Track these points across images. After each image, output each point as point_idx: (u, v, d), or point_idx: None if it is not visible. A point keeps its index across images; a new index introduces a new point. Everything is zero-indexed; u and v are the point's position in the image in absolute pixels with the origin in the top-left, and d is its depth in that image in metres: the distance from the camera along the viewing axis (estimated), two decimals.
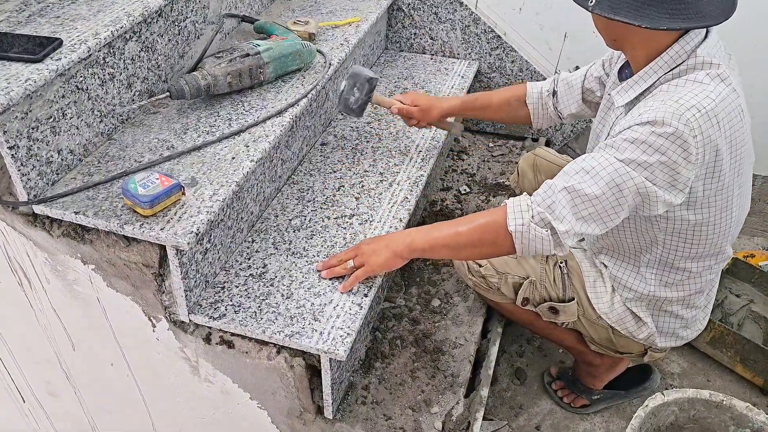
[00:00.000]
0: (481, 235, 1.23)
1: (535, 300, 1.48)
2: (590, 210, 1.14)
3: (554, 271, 1.46)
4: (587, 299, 1.44)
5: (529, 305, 1.50)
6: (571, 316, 1.46)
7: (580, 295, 1.45)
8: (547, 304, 1.47)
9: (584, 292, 1.45)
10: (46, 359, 1.57)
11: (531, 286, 1.47)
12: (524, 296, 1.49)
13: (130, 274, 1.26)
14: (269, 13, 1.94)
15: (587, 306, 1.45)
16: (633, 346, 1.48)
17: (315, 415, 1.40)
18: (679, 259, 1.31)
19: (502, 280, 1.49)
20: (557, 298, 1.46)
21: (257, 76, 1.53)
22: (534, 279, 1.47)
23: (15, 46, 1.18)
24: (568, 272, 1.45)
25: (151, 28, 1.43)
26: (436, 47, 2.33)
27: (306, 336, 1.26)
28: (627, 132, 1.11)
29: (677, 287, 1.36)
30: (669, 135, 1.08)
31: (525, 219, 1.16)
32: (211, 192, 1.25)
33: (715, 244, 1.29)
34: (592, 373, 1.65)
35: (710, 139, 1.10)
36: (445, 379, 1.53)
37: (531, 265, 1.48)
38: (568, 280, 1.45)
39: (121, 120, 1.42)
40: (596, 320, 1.45)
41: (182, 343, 1.35)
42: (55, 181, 1.25)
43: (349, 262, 1.35)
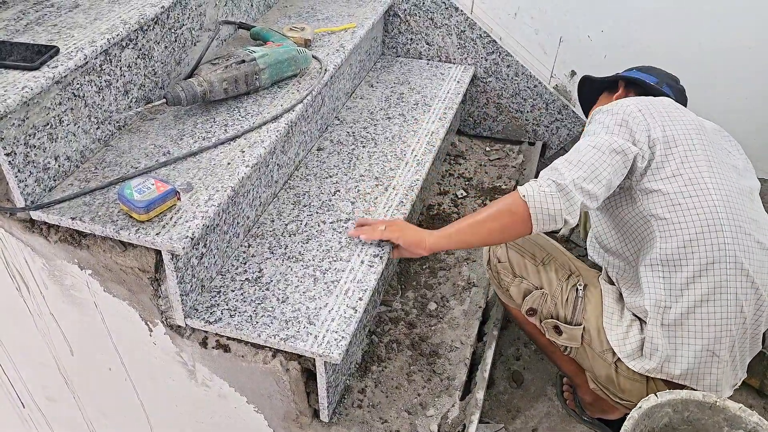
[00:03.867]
0: (497, 214, 1.33)
1: (542, 313, 1.48)
2: (582, 169, 1.28)
3: (570, 292, 1.46)
4: (598, 329, 1.41)
5: (535, 318, 1.49)
6: (573, 340, 1.44)
7: (591, 323, 1.42)
8: (553, 321, 1.46)
9: (596, 321, 1.42)
10: (45, 364, 1.58)
11: (542, 298, 1.47)
12: (531, 306, 1.48)
13: (127, 278, 1.28)
14: (266, 19, 1.96)
15: (595, 336, 1.41)
16: (634, 392, 1.40)
17: (311, 418, 1.41)
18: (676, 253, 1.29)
19: (514, 282, 1.50)
20: (564, 319, 1.45)
21: (253, 82, 1.55)
22: (547, 292, 1.47)
23: (12, 54, 1.20)
24: (584, 297, 1.45)
25: (148, 36, 1.45)
26: (432, 52, 2.35)
27: (301, 339, 1.27)
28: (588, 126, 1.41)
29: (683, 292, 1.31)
30: (612, 107, 1.38)
31: (534, 189, 1.28)
32: (207, 197, 1.26)
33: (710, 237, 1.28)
34: (583, 398, 1.67)
35: (649, 112, 1.35)
36: (441, 382, 1.54)
37: (549, 278, 1.48)
38: (581, 304, 1.44)
39: (117, 126, 1.43)
40: (601, 353, 1.41)
41: (179, 347, 1.36)
42: (53, 187, 1.27)
43: (380, 227, 1.44)
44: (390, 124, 1.94)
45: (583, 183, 1.27)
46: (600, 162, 1.29)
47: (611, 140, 1.30)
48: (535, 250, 1.52)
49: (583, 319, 1.43)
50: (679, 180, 1.31)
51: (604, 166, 1.28)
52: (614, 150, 1.29)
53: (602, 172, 1.28)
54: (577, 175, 1.27)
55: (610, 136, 1.31)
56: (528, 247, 1.52)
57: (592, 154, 1.29)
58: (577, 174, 1.27)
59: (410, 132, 1.91)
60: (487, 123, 2.43)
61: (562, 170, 1.28)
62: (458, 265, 1.87)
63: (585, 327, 1.43)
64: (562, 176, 1.27)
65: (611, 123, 1.34)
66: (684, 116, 1.39)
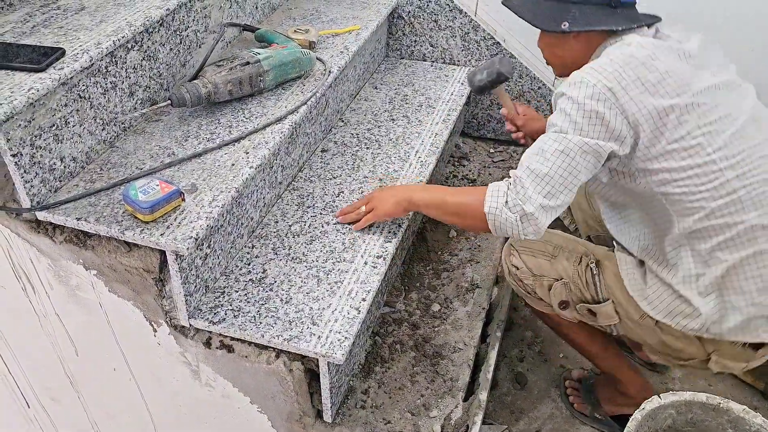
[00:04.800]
0: (462, 209, 1.34)
1: (573, 302, 1.46)
2: (551, 184, 1.22)
3: (585, 273, 1.44)
4: (627, 299, 1.38)
5: (569, 309, 1.47)
6: (610, 318, 1.41)
7: (617, 295, 1.39)
8: (584, 306, 1.44)
9: (622, 292, 1.38)
10: (50, 364, 1.59)
11: (564, 287, 1.45)
12: (560, 299, 1.46)
13: (131, 279, 1.28)
14: (270, 21, 1.97)
15: (628, 306, 1.38)
16: (692, 350, 1.36)
17: (314, 419, 1.41)
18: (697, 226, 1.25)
19: (536, 283, 1.49)
20: (591, 300, 1.43)
21: (257, 83, 1.55)
22: (567, 280, 1.45)
23: (19, 56, 1.21)
24: (599, 272, 1.42)
25: (153, 38, 1.46)
26: (436, 54, 2.35)
27: (304, 340, 1.27)
28: (554, 113, 1.26)
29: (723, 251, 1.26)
30: (578, 92, 1.20)
31: (499, 203, 1.25)
32: (211, 198, 1.27)
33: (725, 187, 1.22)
34: (616, 401, 1.65)
35: (620, 87, 1.18)
36: (444, 384, 1.54)
37: (563, 266, 1.46)
38: (600, 281, 1.42)
39: (123, 128, 1.44)
40: (639, 320, 1.38)
41: (183, 347, 1.37)
42: (58, 188, 1.28)
43: (361, 208, 1.51)
44: (394, 126, 1.95)
45: (551, 200, 1.22)
46: (570, 169, 1.21)
47: (581, 142, 1.20)
48: (543, 246, 1.50)
49: (607, 293, 1.41)
50: (675, 155, 1.21)
51: (575, 173, 1.21)
52: (585, 151, 1.20)
53: (573, 180, 1.21)
54: (546, 192, 1.21)
55: (580, 136, 1.20)
56: (536, 246, 1.50)
57: (560, 162, 1.20)
58: (546, 190, 1.21)
59: (414, 134, 1.91)
60: (491, 125, 2.43)
61: (528, 189, 1.22)
62: (462, 266, 1.87)
63: (613, 300, 1.40)
64: (529, 200, 1.21)
65: (579, 117, 1.20)
66: (665, 68, 1.21)
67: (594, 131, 1.20)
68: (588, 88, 1.19)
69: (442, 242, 1.96)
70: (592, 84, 1.19)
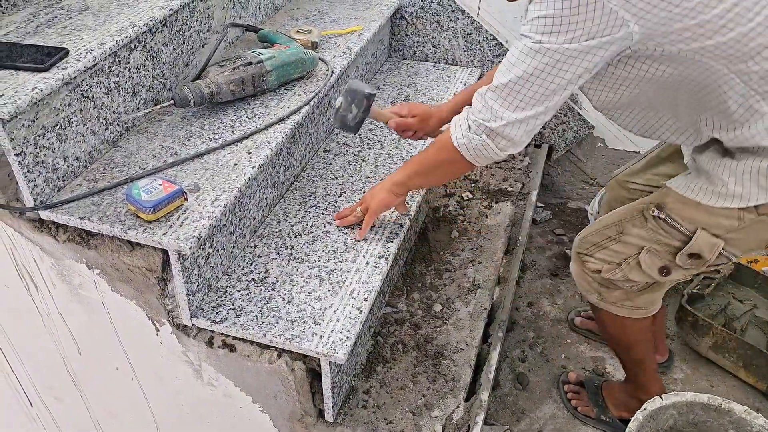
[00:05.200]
0: (438, 155, 1.32)
1: (669, 261, 1.31)
2: (522, 94, 1.12)
3: (657, 223, 1.30)
4: (710, 211, 1.24)
5: (673, 268, 1.32)
6: (712, 245, 1.25)
7: (701, 218, 1.25)
8: (683, 256, 1.29)
9: (702, 210, 1.24)
10: (53, 363, 1.59)
11: (651, 253, 1.33)
12: (658, 266, 1.33)
13: (134, 278, 1.29)
14: (273, 22, 1.97)
15: (718, 219, 1.23)
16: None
17: (316, 418, 1.42)
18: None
19: (626, 270, 1.37)
20: (683, 242, 1.29)
21: (260, 84, 1.56)
22: (647, 244, 1.33)
23: (23, 56, 1.22)
24: (667, 214, 1.29)
25: (156, 38, 1.46)
26: (438, 55, 2.35)
27: (306, 339, 1.27)
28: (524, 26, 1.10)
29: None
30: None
31: (463, 130, 1.22)
32: (214, 198, 1.27)
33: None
34: (630, 405, 1.62)
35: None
36: (446, 384, 1.54)
37: (635, 234, 1.34)
38: (674, 218, 1.28)
39: (126, 128, 1.45)
40: (738, 223, 1.23)
41: (185, 346, 1.37)
42: (61, 187, 1.28)
43: (357, 210, 1.51)
44: None
45: (524, 114, 1.13)
46: (545, 76, 1.08)
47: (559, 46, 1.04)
48: (604, 233, 1.40)
49: (691, 224, 1.26)
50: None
51: (552, 78, 1.08)
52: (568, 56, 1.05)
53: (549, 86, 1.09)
54: (518, 115, 1.13)
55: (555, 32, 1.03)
56: (598, 238, 1.41)
57: (532, 70, 1.08)
58: (518, 114, 1.13)
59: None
60: None
61: (495, 110, 1.15)
62: (464, 266, 1.87)
63: (702, 227, 1.25)
64: (495, 119, 1.15)
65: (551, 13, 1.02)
66: None
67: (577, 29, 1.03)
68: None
69: (444, 242, 1.96)
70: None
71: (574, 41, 1.03)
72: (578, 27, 1.02)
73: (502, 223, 2.05)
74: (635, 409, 1.60)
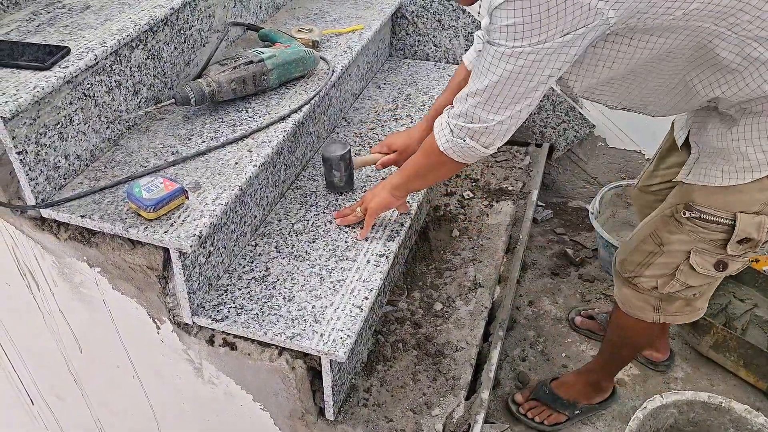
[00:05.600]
0: (429, 159, 1.31)
1: (719, 255, 1.26)
2: (502, 96, 1.09)
3: (694, 223, 1.25)
4: (740, 191, 1.19)
5: (730, 260, 1.27)
6: (759, 225, 1.20)
7: (732, 200, 1.20)
8: (733, 243, 1.23)
9: (735, 195, 1.19)
10: (54, 361, 1.59)
11: (700, 253, 1.27)
12: (713, 262, 1.28)
13: (135, 276, 1.29)
14: (274, 21, 1.97)
15: (750, 193, 1.19)
16: None
17: (317, 417, 1.42)
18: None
19: (683, 278, 1.31)
20: (727, 231, 1.23)
21: (261, 82, 1.56)
22: (693, 247, 1.28)
23: (24, 54, 1.22)
24: (699, 210, 1.24)
25: (157, 37, 1.47)
26: (439, 54, 2.35)
27: (307, 338, 1.28)
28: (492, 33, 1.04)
29: None
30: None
31: (447, 135, 1.21)
32: (215, 196, 1.28)
33: None
34: (589, 395, 1.65)
35: None
36: (446, 382, 1.55)
37: (676, 240, 1.28)
38: (708, 213, 1.23)
39: (127, 126, 1.45)
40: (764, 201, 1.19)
41: (186, 344, 1.38)
42: (63, 185, 1.28)
43: (357, 210, 1.51)
44: (397, 125, 1.95)
45: (502, 116, 1.11)
46: (517, 78, 1.05)
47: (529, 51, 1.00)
48: (646, 249, 1.35)
49: (726, 211, 1.21)
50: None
51: (527, 80, 1.05)
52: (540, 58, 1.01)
53: (525, 88, 1.07)
54: (497, 117, 1.12)
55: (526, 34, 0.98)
56: (640, 257, 1.36)
57: (504, 74, 1.05)
58: (495, 116, 1.12)
59: None
60: None
61: (475, 114, 1.13)
62: (464, 265, 1.88)
63: (736, 212, 1.20)
64: (476, 122, 1.14)
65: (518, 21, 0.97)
66: None
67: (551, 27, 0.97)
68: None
69: (444, 241, 1.96)
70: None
71: (548, 40, 0.99)
72: (551, 27, 0.97)
73: (503, 222, 2.05)
74: (590, 395, 1.63)
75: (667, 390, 1.78)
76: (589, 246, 2.26)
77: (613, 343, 1.58)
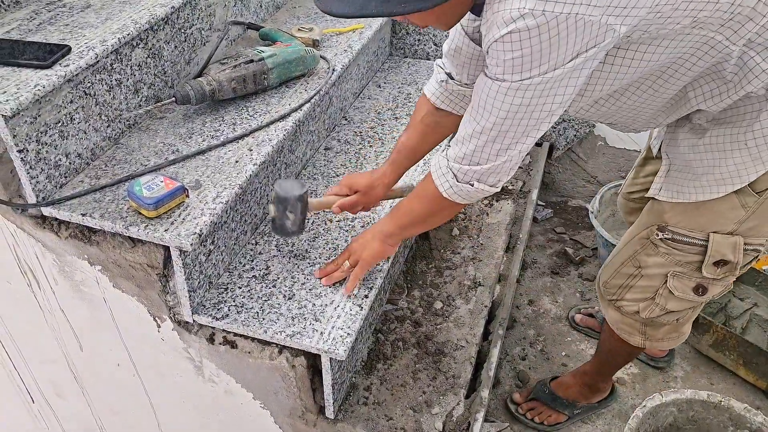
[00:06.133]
0: (430, 206, 1.23)
1: (697, 278, 1.24)
2: (512, 132, 1.03)
3: (668, 245, 1.23)
4: (712, 211, 1.17)
5: (709, 284, 1.24)
6: (733, 243, 1.17)
7: (703, 221, 1.18)
8: (708, 265, 1.21)
9: (706, 214, 1.17)
10: (54, 359, 1.60)
11: (677, 276, 1.25)
12: (691, 287, 1.25)
13: (136, 274, 1.29)
14: (275, 20, 1.98)
15: (724, 212, 1.16)
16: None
17: (317, 415, 1.42)
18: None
19: (663, 302, 1.30)
20: (701, 252, 1.20)
21: (261, 81, 1.56)
22: (670, 269, 1.25)
23: (25, 53, 1.22)
24: (672, 231, 1.22)
25: (158, 35, 1.47)
26: (439, 53, 2.35)
27: (307, 336, 1.28)
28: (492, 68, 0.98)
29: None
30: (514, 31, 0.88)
31: (450, 181, 1.14)
32: (215, 194, 1.28)
33: None
34: (588, 395, 1.66)
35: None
36: (446, 381, 1.55)
37: (653, 263, 1.26)
38: (680, 232, 1.21)
39: (127, 125, 1.45)
40: (743, 211, 1.15)
41: (186, 343, 1.38)
42: (63, 183, 1.29)
43: (344, 264, 1.37)
44: (397, 124, 1.95)
45: (510, 153, 1.05)
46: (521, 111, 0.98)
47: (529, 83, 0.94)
48: (625, 271, 1.33)
49: (700, 232, 1.19)
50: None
51: (532, 113, 0.99)
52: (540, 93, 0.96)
53: (533, 121, 1.00)
54: (504, 157, 1.06)
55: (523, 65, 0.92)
56: (620, 280, 1.34)
57: (506, 110, 0.98)
58: (503, 156, 1.06)
59: None
60: None
61: (480, 156, 1.07)
62: (464, 264, 1.88)
63: (709, 233, 1.18)
64: (482, 164, 1.08)
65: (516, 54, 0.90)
66: None
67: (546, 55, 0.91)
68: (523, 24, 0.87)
69: (444, 240, 1.96)
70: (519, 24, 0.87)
71: (558, 67, 0.91)
72: (560, 53, 0.90)
73: (503, 221, 2.05)
74: (589, 395, 1.63)
75: (667, 389, 1.78)
76: (589, 245, 2.26)
77: (607, 350, 1.57)
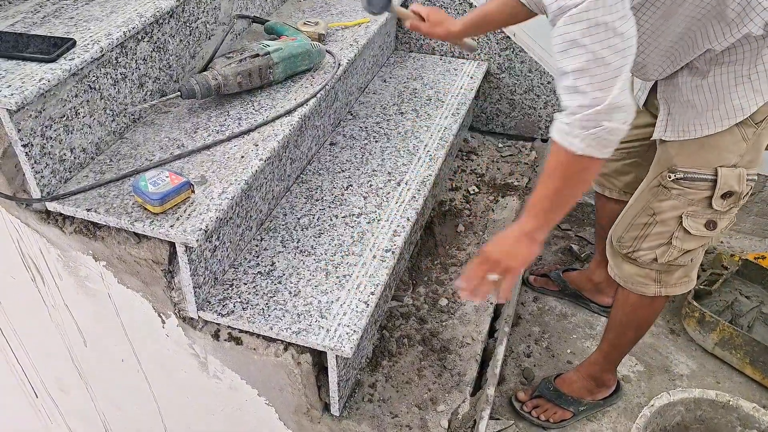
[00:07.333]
0: (569, 173, 1.10)
1: (708, 214, 1.30)
2: (600, 64, 0.99)
3: (680, 185, 1.29)
4: (714, 144, 1.23)
5: (718, 217, 1.31)
6: (738, 177, 1.25)
7: (712, 158, 1.24)
8: (718, 199, 1.27)
9: (712, 151, 1.24)
10: (59, 355, 1.59)
11: (691, 216, 1.30)
12: (703, 222, 1.31)
13: (141, 270, 1.28)
14: (280, 13, 1.96)
15: (728, 149, 1.23)
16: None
17: (322, 412, 1.42)
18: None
19: (682, 245, 1.34)
20: (711, 188, 1.27)
21: (267, 76, 1.55)
22: (683, 210, 1.30)
23: (30, 46, 1.21)
24: (683, 171, 1.27)
25: (163, 29, 1.46)
26: (445, 48, 2.34)
27: (313, 333, 1.27)
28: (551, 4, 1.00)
29: None
30: None
31: (581, 134, 1.04)
32: (220, 190, 1.27)
33: None
34: (594, 391, 1.65)
35: None
36: (451, 378, 1.54)
37: (667, 207, 1.31)
38: (691, 171, 1.27)
39: (132, 119, 1.44)
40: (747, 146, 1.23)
41: (191, 339, 1.37)
42: (68, 178, 1.28)
43: (491, 276, 1.18)
44: (403, 120, 1.94)
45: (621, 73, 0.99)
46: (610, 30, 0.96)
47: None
48: (636, 224, 1.37)
49: (707, 170, 1.26)
50: None
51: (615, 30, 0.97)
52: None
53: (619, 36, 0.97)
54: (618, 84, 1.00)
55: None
56: (633, 232, 1.38)
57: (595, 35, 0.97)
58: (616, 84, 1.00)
59: (423, 127, 1.91)
60: (500, 119, 2.42)
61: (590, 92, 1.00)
62: (470, 260, 1.87)
63: (717, 167, 1.25)
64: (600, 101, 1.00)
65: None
66: None
67: None
68: None
69: (449, 237, 1.95)
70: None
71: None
72: None
73: (509, 217, 2.04)
74: (593, 391, 1.63)
75: (672, 387, 1.77)
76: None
77: (618, 324, 1.55)
